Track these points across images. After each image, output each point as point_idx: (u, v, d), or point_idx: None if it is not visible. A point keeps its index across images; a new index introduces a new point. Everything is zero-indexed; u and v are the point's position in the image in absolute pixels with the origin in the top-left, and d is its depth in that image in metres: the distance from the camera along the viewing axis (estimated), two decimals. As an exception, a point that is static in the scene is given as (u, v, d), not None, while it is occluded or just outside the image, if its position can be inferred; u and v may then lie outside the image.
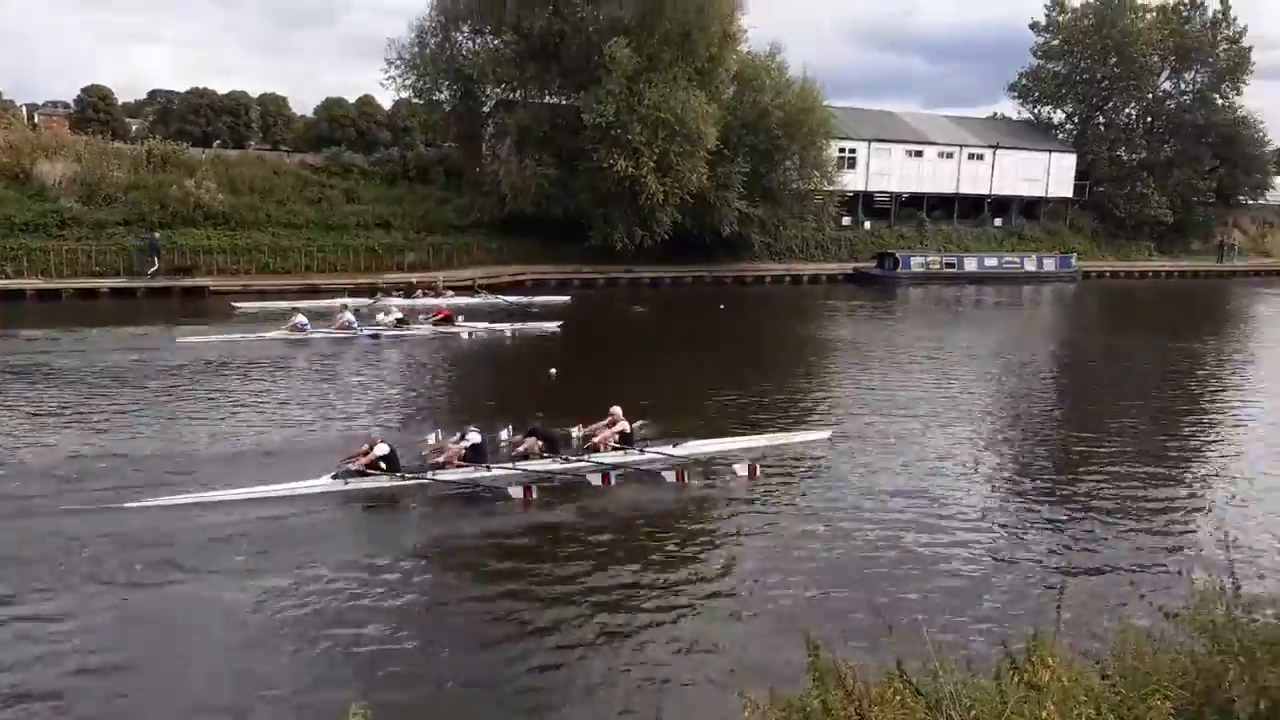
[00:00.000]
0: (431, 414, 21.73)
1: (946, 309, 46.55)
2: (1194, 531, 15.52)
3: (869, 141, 61.21)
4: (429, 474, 16.21)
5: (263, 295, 37.76)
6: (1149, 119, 73.27)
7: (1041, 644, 5.76)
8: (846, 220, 59.35)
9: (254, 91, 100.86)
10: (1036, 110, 74.73)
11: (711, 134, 44.22)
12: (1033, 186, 67.77)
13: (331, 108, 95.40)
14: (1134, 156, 71.50)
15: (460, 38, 49.38)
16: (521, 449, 17.16)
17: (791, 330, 37.03)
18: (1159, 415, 24.08)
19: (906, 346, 33.42)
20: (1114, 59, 69.31)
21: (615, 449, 17.68)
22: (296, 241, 43.94)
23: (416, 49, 48.19)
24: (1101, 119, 73.59)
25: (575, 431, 18.46)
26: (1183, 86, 72.96)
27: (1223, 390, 28.13)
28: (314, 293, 38.59)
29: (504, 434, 18.16)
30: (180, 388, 23.40)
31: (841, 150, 57.54)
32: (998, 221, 66.85)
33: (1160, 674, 6.32)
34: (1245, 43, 71.05)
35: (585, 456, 17.38)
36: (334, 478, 15.87)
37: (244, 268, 42.21)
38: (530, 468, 16.78)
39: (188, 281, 39.73)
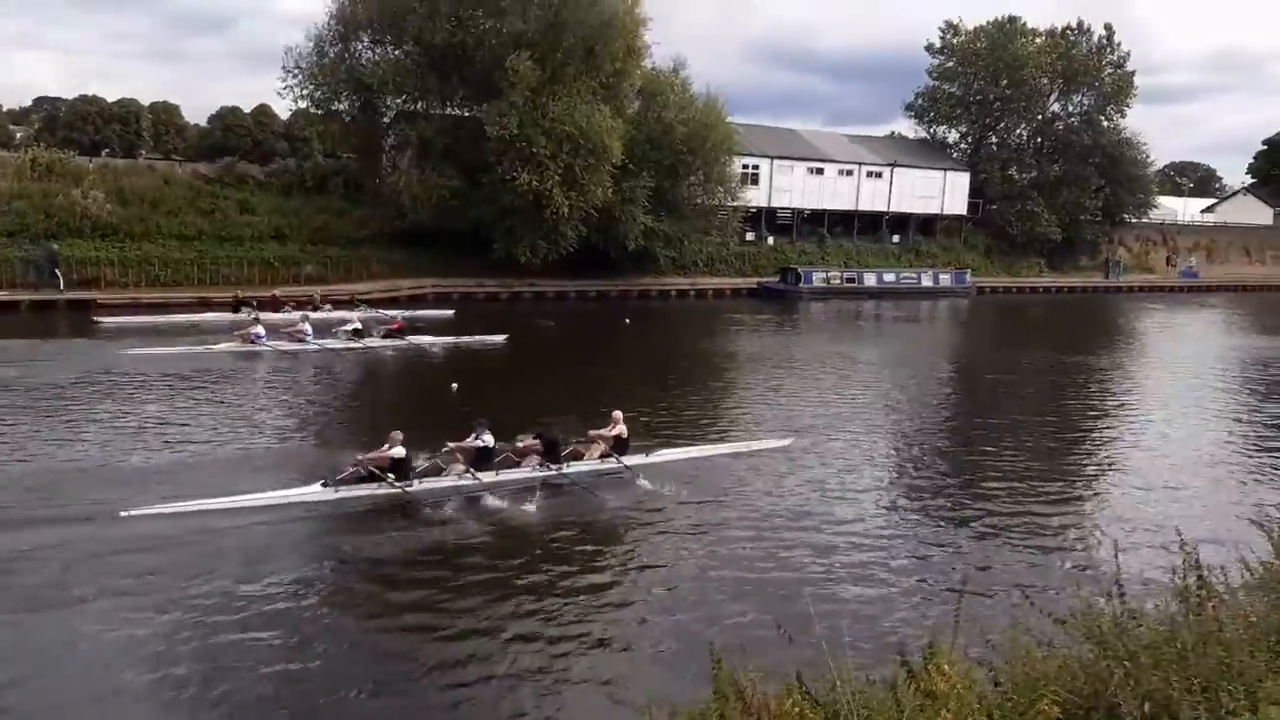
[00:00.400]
0: (325, 429, 21.19)
1: (848, 323, 47.30)
2: (1083, 540, 15.84)
3: (772, 158, 62.05)
4: (418, 483, 15.95)
5: (152, 309, 36.42)
6: (1039, 140, 75.75)
7: (938, 653, 5.71)
8: (750, 236, 60.02)
9: (145, 99, 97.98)
10: (932, 130, 76.84)
11: (616, 148, 44.25)
12: (929, 204, 69.43)
13: (226, 117, 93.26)
14: (1025, 176, 73.83)
15: (360, 47, 48.68)
16: (521, 446, 17.12)
17: (699, 344, 37.14)
18: (1051, 428, 24.65)
19: (811, 361, 33.73)
20: (1005, 81, 71.62)
21: (607, 455, 17.75)
22: (189, 254, 42.60)
23: (315, 58, 47.28)
24: (994, 139, 75.90)
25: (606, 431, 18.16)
26: (1070, 109, 75.69)
27: (1110, 403, 29.00)
28: (206, 306, 37.43)
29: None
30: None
31: (745, 166, 58.23)
32: (896, 238, 68.30)
33: (1049, 679, 6.33)
34: (1129, 68, 74.17)
35: (561, 466, 17.24)
36: (325, 485, 15.41)
37: (133, 280, 40.77)
38: (512, 476, 16.73)
39: (71, 295, 38.15)
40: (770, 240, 61.96)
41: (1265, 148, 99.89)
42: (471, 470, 16.40)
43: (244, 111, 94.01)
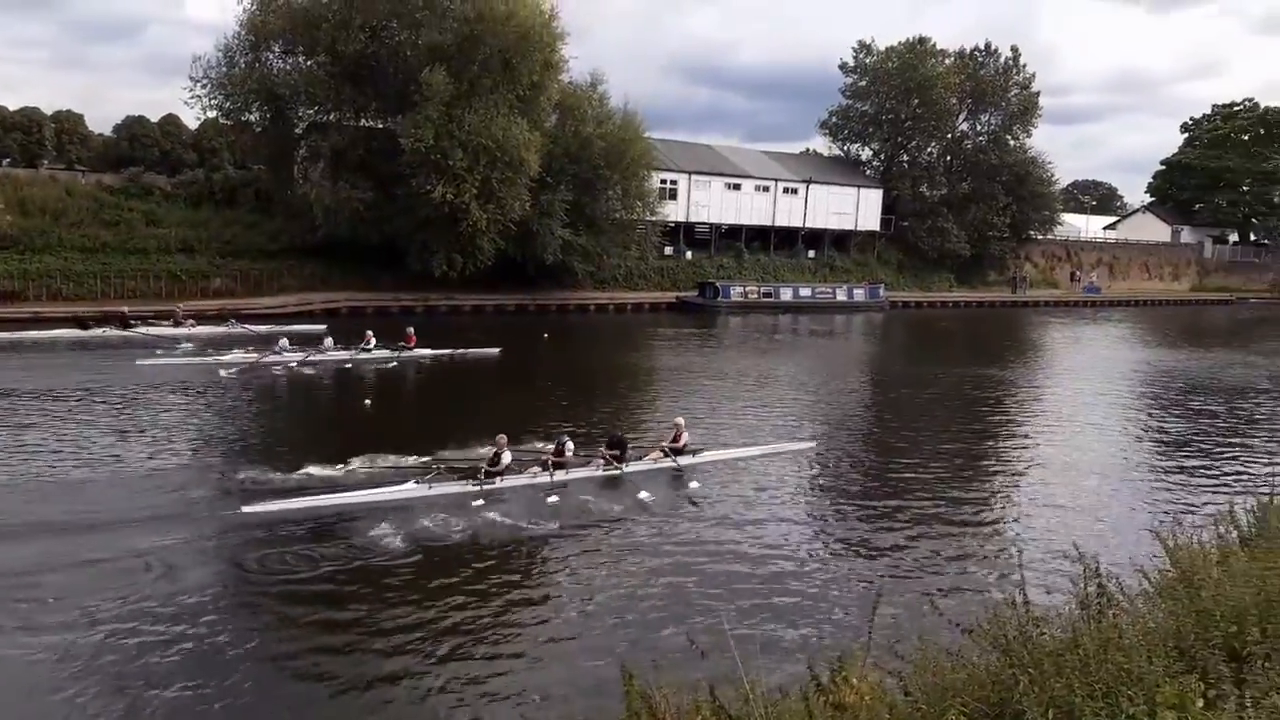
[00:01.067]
0: (235, 445, 20.68)
1: (766, 338, 47.68)
2: (990, 551, 16.14)
3: (689, 174, 62.45)
4: (497, 480, 17.63)
5: (53, 323, 35.17)
6: (949, 158, 77.49)
7: (847, 665, 5.73)
8: (669, 250, 60.26)
9: (48, 108, 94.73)
10: (846, 147, 78.28)
11: (534, 161, 44.10)
12: (843, 220, 70.51)
13: (132, 126, 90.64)
14: (935, 193, 75.40)
15: (271, 57, 47.79)
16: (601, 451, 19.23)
17: (619, 359, 37.11)
18: (961, 441, 25.11)
19: (730, 375, 33.94)
20: (916, 101, 73.15)
21: (666, 456, 19.84)
22: (92, 267, 41.33)
23: (224, 68, 46.29)
24: (905, 157, 77.47)
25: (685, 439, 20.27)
26: (979, 128, 77.65)
27: (1017, 416, 29.64)
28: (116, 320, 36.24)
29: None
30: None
31: (663, 181, 58.49)
32: (811, 253, 69.21)
33: (958, 689, 6.41)
34: (1034, 89, 76.37)
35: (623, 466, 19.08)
36: (417, 483, 16.99)
37: (34, 294, 39.38)
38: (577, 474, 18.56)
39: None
40: (688, 255, 62.30)
41: (1163, 168, 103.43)
42: (549, 468, 18.25)
43: (151, 121, 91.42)
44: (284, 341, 31.07)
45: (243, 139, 51.57)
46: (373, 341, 32.60)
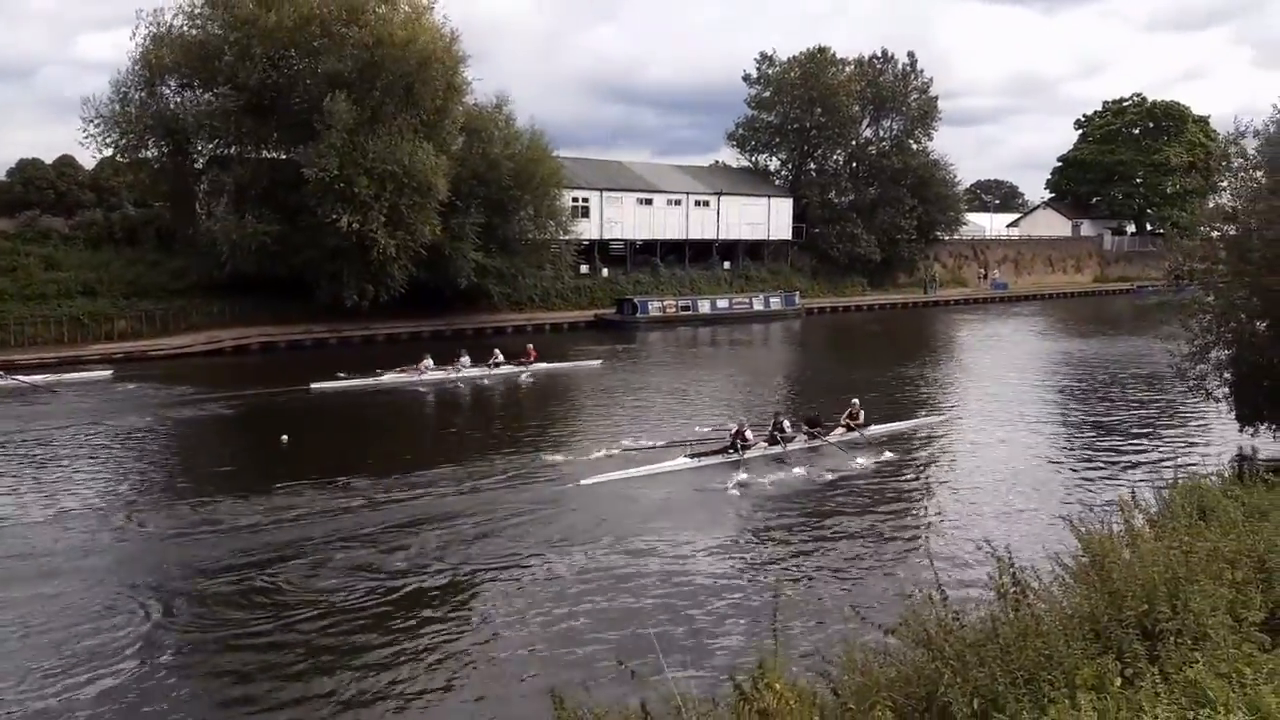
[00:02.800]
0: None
1: (687, 350, 47.88)
2: (908, 549, 16.37)
3: (601, 191, 62.50)
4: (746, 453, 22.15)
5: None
6: (854, 164, 78.77)
7: (767, 671, 5.71)
8: (584, 268, 60.13)
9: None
10: (754, 158, 79.05)
11: (442, 185, 43.69)
12: (755, 230, 71.18)
13: (26, 169, 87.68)
14: (843, 199, 76.57)
15: (167, 92, 46.77)
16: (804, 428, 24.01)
17: (536, 383, 36.82)
18: (885, 448, 25.37)
19: (651, 389, 33.99)
20: (819, 109, 74.27)
21: (851, 431, 24.39)
22: (-11, 315, 39.84)
23: (118, 105, 45.12)
24: (813, 165, 78.60)
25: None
26: (881, 134, 79.07)
27: (931, 413, 30.14)
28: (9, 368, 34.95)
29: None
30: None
31: (575, 200, 58.38)
32: (726, 264, 69.69)
33: (884, 686, 6.43)
34: (932, 93, 78.15)
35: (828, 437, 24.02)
36: (688, 457, 21.77)
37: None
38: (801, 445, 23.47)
39: None
40: (604, 272, 62.25)
41: (1060, 164, 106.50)
42: (780, 441, 23.12)
43: (45, 163, 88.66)
44: (428, 361, 35.26)
45: (141, 176, 50.10)
46: (500, 357, 37.04)
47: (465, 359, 36.38)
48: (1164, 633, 5.97)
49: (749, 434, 22.78)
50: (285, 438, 24.43)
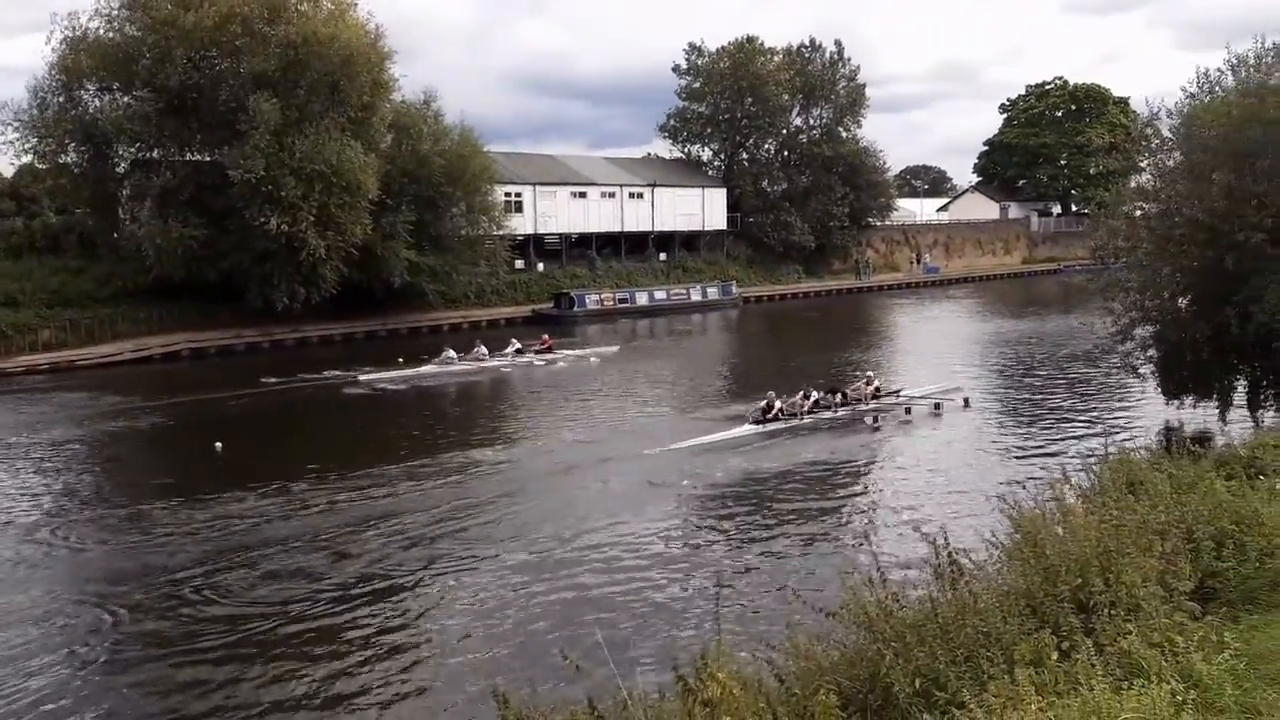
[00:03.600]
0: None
1: (626, 342, 47.82)
2: (846, 535, 16.55)
3: (534, 185, 62.17)
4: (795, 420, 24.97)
5: None
6: (786, 153, 79.20)
7: (710, 662, 5.70)
8: (520, 264, 59.73)
9: None
10: (686, 149, 79.12)
11: (371, 184, 43.16)
12: (690, 221, 71.33)
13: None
14: (776, 188, 76.95)
15: (87, 96, 45.52)
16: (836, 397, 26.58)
17: (474, 380, 36.55)
18: (813, 437, 25.60)
19: (587, 383, 33.91)
20: (750, 99, 74.60)
21: (875, 399, 27.13)
22: (-96, 327, 38.55)
23: (35, 110, 43.87)
24: (745, 155, 78.86)
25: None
26: (811, 122, 79.58)
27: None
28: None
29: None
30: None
31: (508, 195, 58.02)
32: (663, 256, 69.72)
33: (829, 670, 6.46)
34: (860, 80, 78.90)
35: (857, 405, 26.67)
36: (753, 423, 24.41)
37: None
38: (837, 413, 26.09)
39: None
40: (540, 267, 61.93)
41: (986, 148, 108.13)
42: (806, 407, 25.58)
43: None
44: (450, 353, 37.03)
45: (61, 182, 48.65)
46: (518, 345, 39.33)
47: (483, 349, 38.08)
48: (1098, 605, 6.07)
49: (779, 404, 25.07)
50: (219, 445, 23.98)
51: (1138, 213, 24.39)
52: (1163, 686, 4.14)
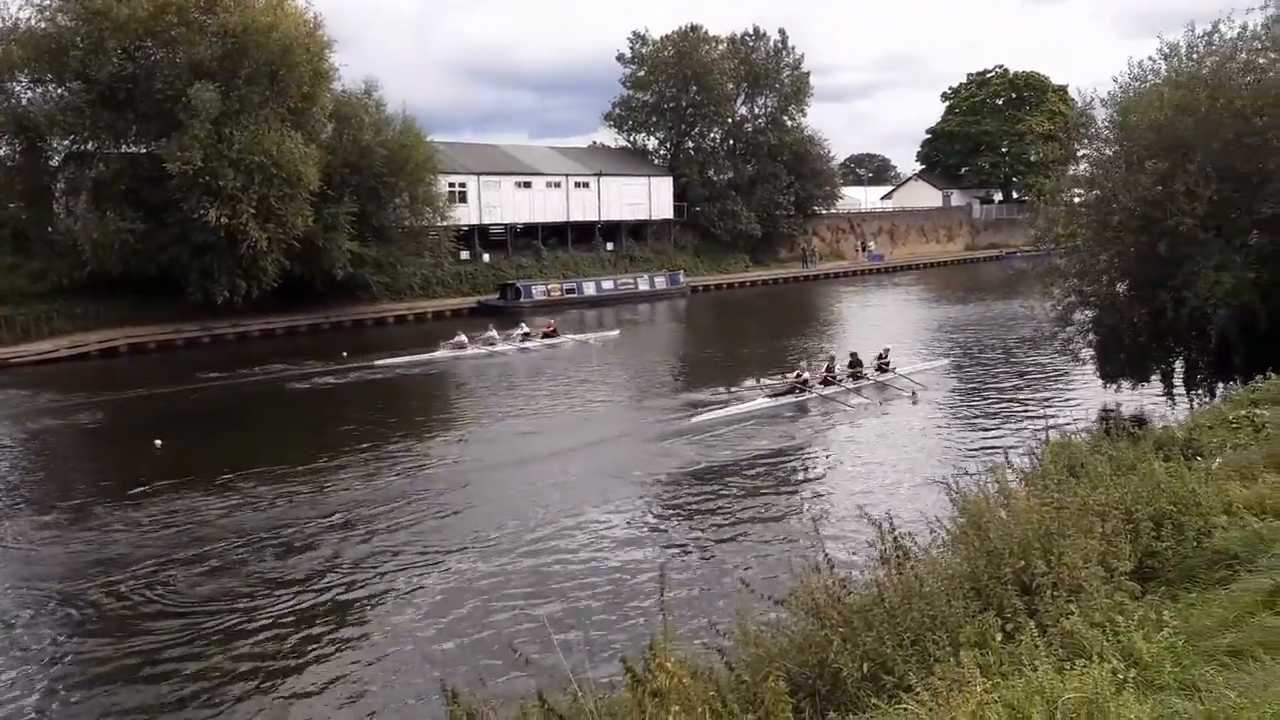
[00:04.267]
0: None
1: (573, 333, 47.63)
2: (793, 519, 16.65)
3: (479, 175, 61.77)
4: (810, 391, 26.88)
5: None
6: (731, 142, 79.42)
7: (658, 652, 5.69)
8: (465, 255, 59.34)
9: None
10: (632, 138, 79.04)
11: (312, 175, 42.59)
12: (636, 210, 71.32)
13: None
14: (722, 177, 77.22)
15: (18, 88, 44.30)
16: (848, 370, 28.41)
17: (420, 371, 36.25)
18: (762, 425, 25.71)
19: (533, 376, 33.81)
20: (694, 88, 74.70)
21: (887, 373, 29.14)
22: None
23: (-36, 105, 42.71)
24: (690, 144, 78.93)
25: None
26: (756, 111, 79.85)
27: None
28: None
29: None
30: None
31: (451, 185, 57.64)
32: (609, 245, 69.64)
33: (777, 657, 6.49)
34: (804, 69, 79.25)
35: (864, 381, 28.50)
36: (766, 397, 26.14)
37: None
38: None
39: None
40: (486, 257, 61.54)
41: (929, 136, 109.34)
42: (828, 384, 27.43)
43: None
44: (461, 337, 38.31)
45: (-9, 177, 47.42)
46: (525, 328, 40.94)
47: (493, 333, 39.67)
48: (1040, 587, 6.14)
49: (807, 376, 27.37)
50: (159, 442, 23.58)
51: (1076, 200, 24.81)
52: (1104, 666, 4.19)
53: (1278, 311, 19.22)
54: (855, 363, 28.89)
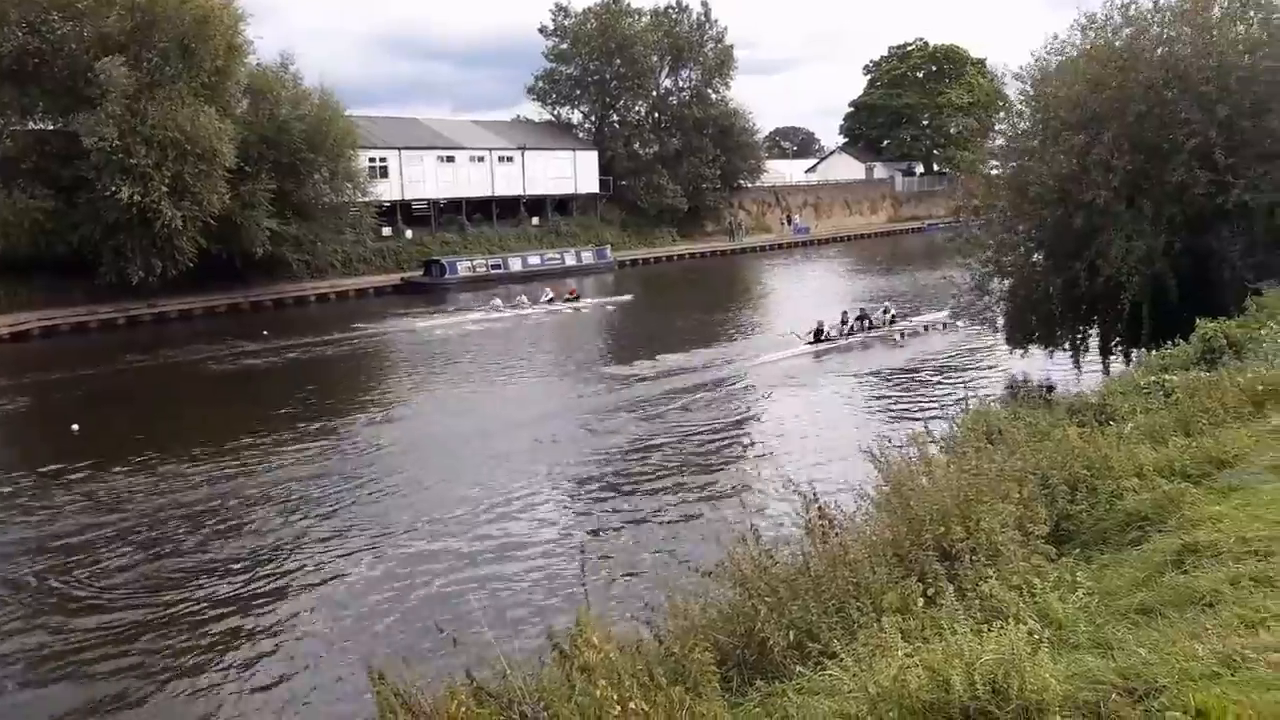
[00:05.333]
0: None
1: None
2: (721, 491, 16.80)
3: (400, 149, 60.82)
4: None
5: None
6: (656, 115, 79.27)
7: (584, 628, 5.70)
8: (387, 231, 58.42)
9: None
10: (556, 111, 78.44)
11: (228, 151, 41.58)
12: (562, 184, 70.87)
13: None
14: (648, 150, 77.00)
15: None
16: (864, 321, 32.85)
17: (342, 349, 35.71)
18: (692, 400, 25.83)
19: (461, 355, 33.55)
20: (619, 60, 74.33)
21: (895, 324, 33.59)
22: None
23: None
24: (615, 117, 78.63)
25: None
26: (681, 84, 79.73)
27: (733, 359, 30.88)
28: None
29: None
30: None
31: (372, 160, 56.64)
32: (535, 220, 69.08)
33: (706, 628, 6.54)
34: (728, 42, 79.29)
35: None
36: (807, 343, 30.13)
37: None
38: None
39: None
40: (409, 233, 60.63)
41: (852, 109, 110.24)
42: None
43: None
44: (497, 301, 42.93)
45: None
46: (550, 293, 44.99)
47: (524, 298, 43.90)
48: (960, 552, 6.26)
49: (827, 327, 31.03)
50: (75, 427, 22.98)
51: (994, 172, 25.23)
52: (1021, 627, 4.29)
53: (1186, 279, 19.79)
54: (863, 316, 33.08)
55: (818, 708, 4.66)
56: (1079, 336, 23.18)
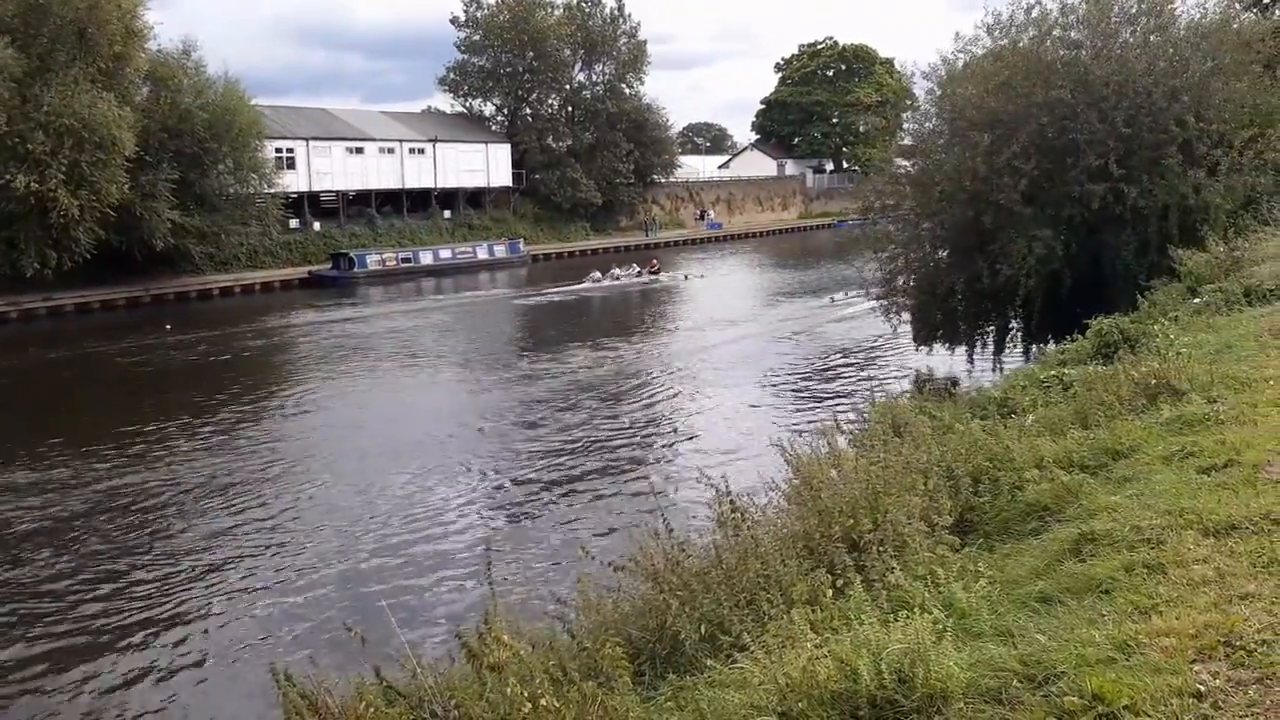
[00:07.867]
0: None
1: (410, 305, 46.78)
2: (633, 490, 16.81)
3: (307, 140, 59.60)
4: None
5: None
6: (570, 108, 79.08)
7: (492, 626, 5.67)
8: (294, 223, 57.23)
9: None
10: (468, 104, 77.76)
11: (128, 139, 40.27)
12: (474, 177, 70.30)
13: None
14: (561, 144, 76.80)
15: None
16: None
17: (251, 345, 34.89)
18: (610, 392, 25.89)
19: (373, 352, 33.07)
20: (531, 53, 73.93)
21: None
22: None
23: None
24: (529, 110, 78.22)
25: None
26: (594, 78, 79.75)
27: (641, 355, 31.01)
28: None
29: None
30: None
31: (279, 150, 55.38)
32: (447, 214, 68.37)
33: (618, 623, 6.55)
34: (640, 37, 79.46)
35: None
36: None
37: None
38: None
39: None
40: (317, 226, 59.46)
41: (764, 106, 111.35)
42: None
43: None
44: (595, 274, 50.67)
45: None
46: (636, 268, 52.92)
47: (617, 270, 51.97)
48: (867, 544, 6.36)
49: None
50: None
51: (901, 170, 25.66)
52: (926, 616, 4.37)
53: (1082, 277, 20.38)
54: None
55: (729, 700, 4.70)
56: (981, 332, 23.70)
